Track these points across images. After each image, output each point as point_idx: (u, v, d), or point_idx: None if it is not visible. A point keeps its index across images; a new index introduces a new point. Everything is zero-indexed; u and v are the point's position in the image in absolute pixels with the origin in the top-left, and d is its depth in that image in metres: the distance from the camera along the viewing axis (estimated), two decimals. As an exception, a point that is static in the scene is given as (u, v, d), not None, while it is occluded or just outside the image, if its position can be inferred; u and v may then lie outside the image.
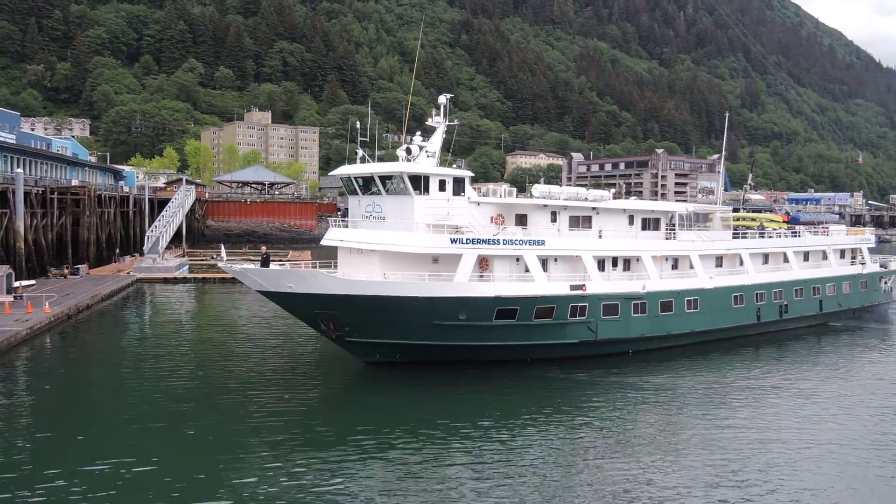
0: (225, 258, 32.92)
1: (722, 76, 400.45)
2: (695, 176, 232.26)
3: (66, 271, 63.15)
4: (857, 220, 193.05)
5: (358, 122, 36.67)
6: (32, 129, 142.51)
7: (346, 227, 34.97)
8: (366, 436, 23.74)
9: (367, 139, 35.27)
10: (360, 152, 35.01)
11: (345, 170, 35.22)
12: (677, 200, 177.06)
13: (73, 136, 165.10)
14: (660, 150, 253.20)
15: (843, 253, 51.76)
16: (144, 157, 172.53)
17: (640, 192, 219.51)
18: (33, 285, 53.41)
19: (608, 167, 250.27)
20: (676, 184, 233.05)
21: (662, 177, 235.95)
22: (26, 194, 61.52)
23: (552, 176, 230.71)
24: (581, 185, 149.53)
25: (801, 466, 21.95)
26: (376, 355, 32.74)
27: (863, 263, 52.53)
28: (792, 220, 56.48)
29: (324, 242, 35.37)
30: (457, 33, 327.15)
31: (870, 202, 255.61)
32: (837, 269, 49.79)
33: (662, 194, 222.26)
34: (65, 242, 72.20)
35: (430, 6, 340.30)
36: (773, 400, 29.75)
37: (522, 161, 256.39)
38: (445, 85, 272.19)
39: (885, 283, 54.29)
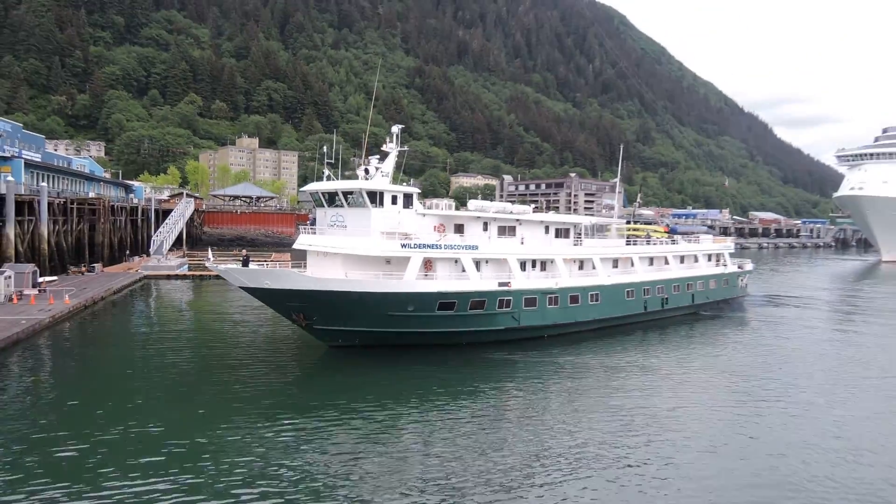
0: (212, 259, 31.93)
1: (621, 116, 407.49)
2: (600, 195, 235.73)
3: (83, 269, 60.78)
4: (724, 232, 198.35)
5: (325, 147, 36.05)
6: (55, 150, 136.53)
7: (314, 233, 34.38)
8: (331, 406, 23.42)
9: (333, 161, 34.70)
10: (327, 172, 34.44)
11: (313, 186, 34.56)
12: (586, 215, 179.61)
13: (91, 156, 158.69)
14: (573, 175, 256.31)
15: (710, 257, 52.95)
16: (151, 175, 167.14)
17: (558, 207, 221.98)
18: (55, 281, 51.19)
19: (532, 187, 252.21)
20: (586, 201, 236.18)
21: (575, 196, 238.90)
22: (49, 204, 59.38)
23: (488, 193, 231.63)
24: (510, 202, 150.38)
25: (675, 421, 22.45)
26: (339, 340, 32.23)
27: (725, 265, 53.80)
28: (671, 231, 57.41)
29: (295, 247, 34.66)
30: (412, 77, 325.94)
31: (734, 217, 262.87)
32: (706, 270, 50.88)
33: (574, 209, 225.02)
34: (83, 245, 69.67)
35: (391, 54, 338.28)
36: (655, 372, 30.21)
37: (464, 181, 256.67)
38: (402, 119, 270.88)
39: (742, 280, 55.73)
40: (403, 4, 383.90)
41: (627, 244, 45.73)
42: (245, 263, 30.45)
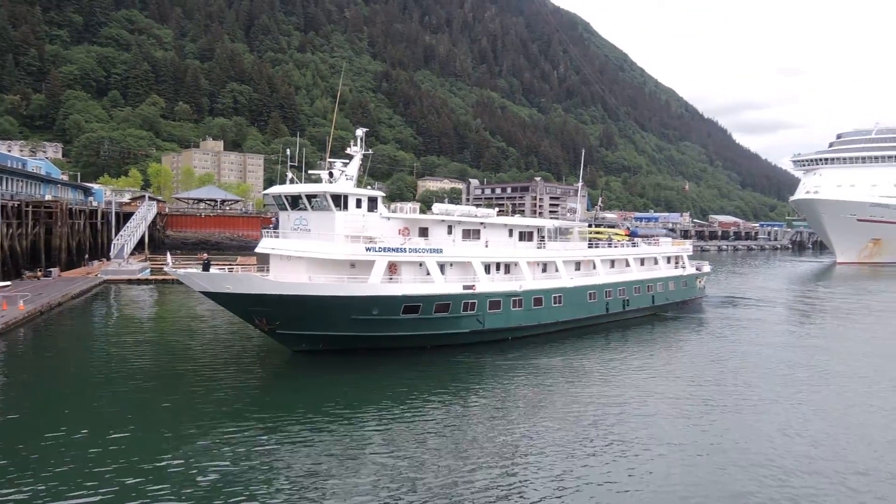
0: (171, 263, 31.31)
1: (585, 121, 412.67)
2: (565, 199, 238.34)
3: (39, 274, 58.82)
4: (685, 235, 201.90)
5: (288, 150, 35.75)
6: (9, 151, 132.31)
7: (277, 237, 34.00)
8: (294, 411, 23.22)
9: (297, 164, 34.40)
10: (290, 175, 34.11)
11: (276, 189, 34.17)
12: (552, 218, 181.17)
13: (47, 158, 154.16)
14: (538, 178, 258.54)
15: (669, 259, 53.89)
16: (111, 177, 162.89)
17: (523, 211, 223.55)
18: (9, 286, 49.47)
19: (498, 191, 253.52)
20: (551, 205, 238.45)
21: (540, 199, 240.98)
22: (3, 207, 57.32)
23: (454, 197, 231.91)
24: (476, 205, 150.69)
25: (639, 419, 22.82)
26: (303, 345, 31.83)
27: (683, 267, 54.82)
28: (632, 234, 58.18)
29: (258, 250, 34.23)
30: (378, 81, 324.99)
31: (695, 220, 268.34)
32: (665, 272, 51.81)
33: (540, 213, 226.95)
34: (38, 249, 67.48)
35: (357, 58, 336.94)
36: (617, 372, 30.61)
37: (431, 185, 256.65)
38: (369, 123, 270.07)
39: (700, 282, 56.86)
40: (370, 9, 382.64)
41: (589, 247, 46.30)
42: (206, 267, 29.90)
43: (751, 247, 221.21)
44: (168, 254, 36.22)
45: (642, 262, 50.58)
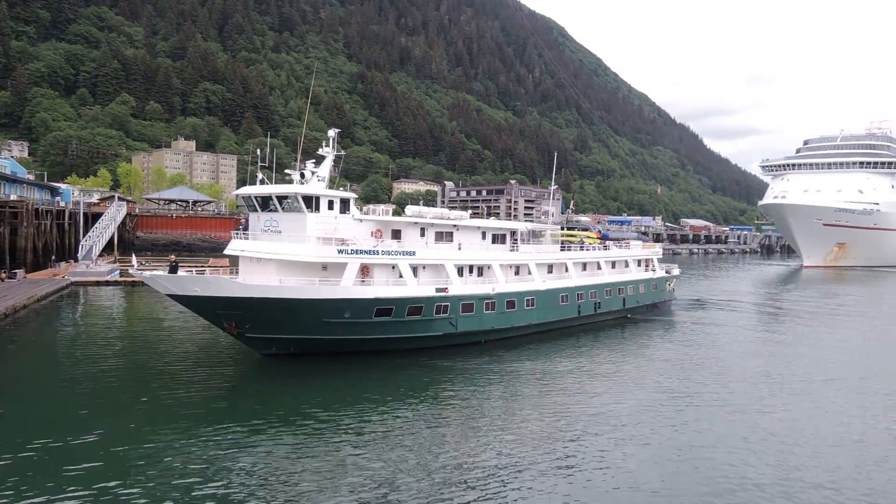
0: (136, 265, 30.66)
1: (560, 125, 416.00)
2: (539, 201, 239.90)
3: (3, 275, 57.10)
4: (657, 238, 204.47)
5: (258, 150, 35.30)
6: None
7: (247, 239, 33.49)
8: (264, 416, 22.82)
9: (268, 164, 33.97)
10: (260, 175, 33.70)
11: (246, 190, 33.67)
12: (526, 220, 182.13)
13: (12, 157, 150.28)
14: (513, 181, 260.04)
15: (640, 262, 54.32)
16: (80, 177, 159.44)
17: (498, 213, 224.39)
18: (-30, 288, 48.11)
19: (473, 193, 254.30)
20: (525, 207, 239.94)
21: (515, 202, 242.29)
22: (-35, 207, 55.72)
23: (429, 199, 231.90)
24: (452, 207, 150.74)
25: (610, 421, 22.88)
26: (273, 348, 31.37)
27: (654, 270, 55.36)
28: (603, 237, 58.76)
29: (227, 252, 33.71)
30: (354, 83, 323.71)
31: (667, 224, 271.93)
32: (636, 275, 52.26)
33: (515, 215, 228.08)
34: (3, 250, 65.77)
35: (333, 59, 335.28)
36: (589, 374, 30.74)
37: (406, 187, 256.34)
38: (344, 124, 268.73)
39: (669, 285, 57.49)
40: (346, 10, 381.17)
41: (562, 250, 46.50)
42: (173, 270, 29.33)
43: (721, 250, 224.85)
44: (133, 255, 35.44)
45: (613, 264, 50.95)
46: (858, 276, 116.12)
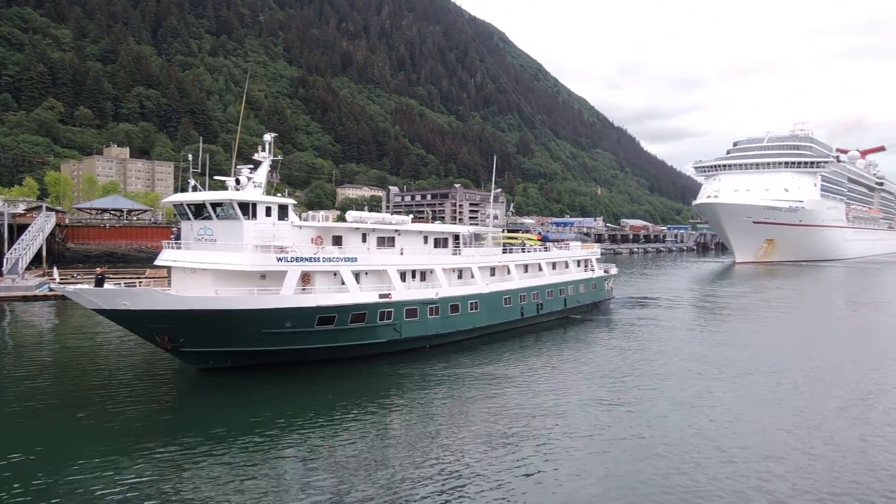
0: (58, 279, 29.07)
1: (502, 129, 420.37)
2: (484, 205, 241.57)
3: (-84, 294, 53.42)
4: (599, 238, 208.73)
5: (190, 156, 34.08)
6: None
7: (180, 248, 32.24)
8: (201, 434, 21.92)
9: (199, 170, 32.82)
10: (193, 182, 32.51)
11: (177, 197, 32.46)
12: (471, 224, 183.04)
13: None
14: (457, 185, 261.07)
15: (579, 262, 55.07)
16: (3, 186, 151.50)
17: (443, 217, 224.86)
18: None
19: (418, 198, 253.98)
20: (470, 211, 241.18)
21: (460, 206, 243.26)
22: None
23: (374, 205, 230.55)
24: (397, 212, 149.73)
25: (556, 421, 23.03)
26: (210, 362, 30.20)
27: (592, 270, 56.30)
28: (543, 239, 59.41)
29: (157, 263, 32.38)
30: (295, 87, 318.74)
31: (608, 224, 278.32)
32: (576, 275, 53.01)
33: (460, 219, 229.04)
34: (-85, 266, 61.52)
35: (273, 64, 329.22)
36: (534, 376, 30.90)
37: (350, 193, 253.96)
38: (285, 129, 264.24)
39: (608, 284, 58.60)
40: (285, 13, 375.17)
41: (504, 252, 46.71)
42: (99, 283, 27.93)
43: (659, 249, 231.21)
44: (55, 268, 33.61)
45: (554, 266, 51.53)
46: (786, 271, 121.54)
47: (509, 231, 75.42)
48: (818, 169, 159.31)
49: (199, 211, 31.78)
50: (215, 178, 33.19)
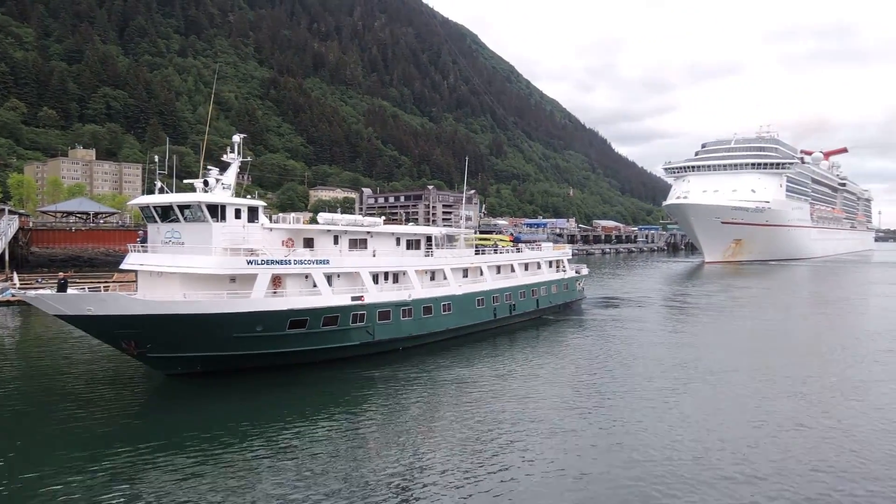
0: (18, 285, 28.25)
1: (475, 131, 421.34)
2: (457, 206, 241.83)
3: None
4: (572, 239, 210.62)
5: (157, 157, 33.48)
6: None
7: (146, 251, 31.61)
8: (170, 442, 21.46)
9: (166, 171, 32.25)
10: (159, 184, 31.90)
11: (144, 199, 31.82)
12: (445, 225, 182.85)
13: None
14: (430, 187, 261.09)
15: (551, 263, 55.38)
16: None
17: (417, 219, 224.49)
18: None
19: (391, 199, 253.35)
20: (444, 212, 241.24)
21: (433, 207, 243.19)
22: None
23: (348, 207, 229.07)
24: (370, 214, 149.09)
25: (529, 422, 23.09)
26: (178, 368, 29.63)
27: (564, 271, 56.68)
28: (516, 240, 59.76)
29: (123, 267, 31.71)
30: (266, 88, 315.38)
31: (580, 225, 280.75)
32: (548, 276, 53.31)
33: (433, 221, 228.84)
34: None
35: (243, 64, 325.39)
36: (507, 378, 30.91)
37: (323, 194, 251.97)
38: (257, 131, 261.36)
39: (580, 284, 59.07)
40: (256, 14, 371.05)
41: (476, 254, 46.76)
42: (62, 288, 27.22)
43: (631, 249, 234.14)
44: (14, 273, 32.72)
45: (526, 266, 51.72)
46: (753, 270, 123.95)
47: (482, 232, 75.66)
48: (783, 170, 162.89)
49: (166, 213, 31.20)
50: (183, 180, 32.59)
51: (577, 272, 58.74)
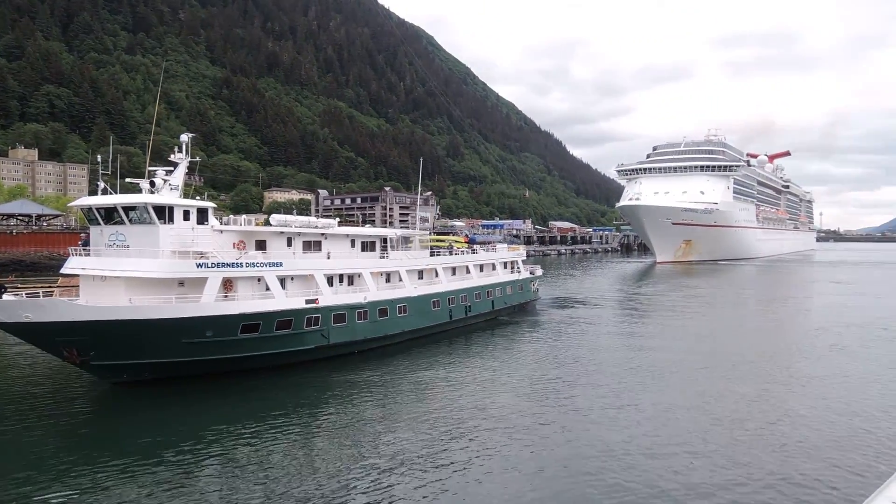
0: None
1: (432, 132, 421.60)
2: (415, 208, 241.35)
3: None
4: (528, 240, 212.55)
5: (100, 157, 32.38)
6: None
7: (89, 255, 30.45)
8: (117, 455, 20.66)
9: (109, 172, 31.15)
10: (102, 184, 30.82)
11: (86, 201, 30.66)
12: (402, 227, 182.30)
13: None
14: (387, 188, 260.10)
15: (505, 264, 55.70)
16: None
17: (374, 221, 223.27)
18: None
19: (348, 201, 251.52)
20: (401, 214, 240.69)
21: (390, 209, 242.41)
22: None
23: (303, 208, 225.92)
24: (326, 216, 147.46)
25: (487, 423, 23.05)
26: (123, 376, 28.59)
27: (519, 272, 57.09)
28: (471, 241, 59.96)
29: (64, 271, 30.50)
30: (219, 88, 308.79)
31: (536, 226, 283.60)
32: (503, 277, 53.60)
33: (390, 223, 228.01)
34: None
35: (194, 63, 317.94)
36: (464, 380, 30.89)
37: (278, 196, 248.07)
38: (209, 131, 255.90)
39: (534, 285, 59.63)
40: (207, 11, 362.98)
41: (432, 255, 46.63)
42: (-2, 294, 26.04)
43: (586, 250, 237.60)
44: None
45: (481, 268, 51.88)
46: (703, 270, 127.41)
47: (439, 234, 75.70)
48: (730, 172, 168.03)
49: (109, 215, 30.12)
50: (127, 180, 31.52)
51: (531, 273, 59.20)
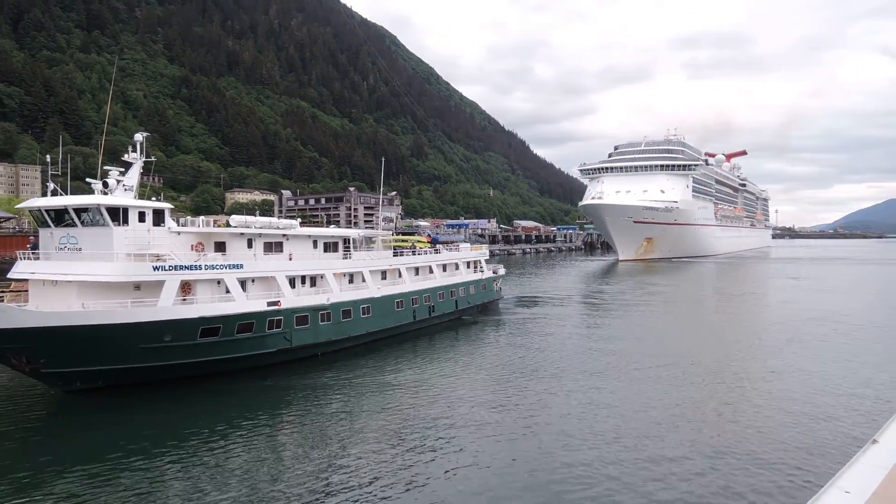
0: None
1: (396, 132, 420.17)
2: (379, 208, 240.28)
3: None
4: (493, 239, 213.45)
5: (49, 157, 31.32)
6: None
7: (38, 259, 29.44)
8: (71, 468, 19.93)
9: (59, 173, 30.18)
10: (52, 185, 29.86)
11: (35, 202, 29.65)
12: (367, 227, 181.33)
13: None
14: (352, 189, 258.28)
15: (469, 264, 55.85)
16: None
17: (338, 221, 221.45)
18: None
19: (312, 202, 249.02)
20: (365, 214, 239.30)
21: (354, 209, 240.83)
22: None
23: (266, 209, 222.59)
24: (290, 217, 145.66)
25: (453, 422, 23.06)
26: (76, 383, 27.66)
27: (482, 271, 57.30)
28: (433, 241, 59.86)
29: (12, 276, 29.41)
30: (177, 87, 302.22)
31: (501, 226, 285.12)
32: (466, 277, 53.75)
33: (355, 223, 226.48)
34: None
35: (152, 62, 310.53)
36: (429, 381, 30.84)
37: (240, 197, 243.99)
38: (168, 131, 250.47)
39: (496, 284, 59.93)
40: (165, 9, 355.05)
41: (395, 256, 46.49)
42: (-60, 300, 24.96)
43: (550, 249, 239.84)
44: None
45: (444, 267, 51.92)
46: (663, 267, 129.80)
47: (403, 234, 75.44)
48: (689, 171, 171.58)
49: (60, 217, 29.17)
50: (87, 180, 30.55)
51: (494, 272, 59.47)
